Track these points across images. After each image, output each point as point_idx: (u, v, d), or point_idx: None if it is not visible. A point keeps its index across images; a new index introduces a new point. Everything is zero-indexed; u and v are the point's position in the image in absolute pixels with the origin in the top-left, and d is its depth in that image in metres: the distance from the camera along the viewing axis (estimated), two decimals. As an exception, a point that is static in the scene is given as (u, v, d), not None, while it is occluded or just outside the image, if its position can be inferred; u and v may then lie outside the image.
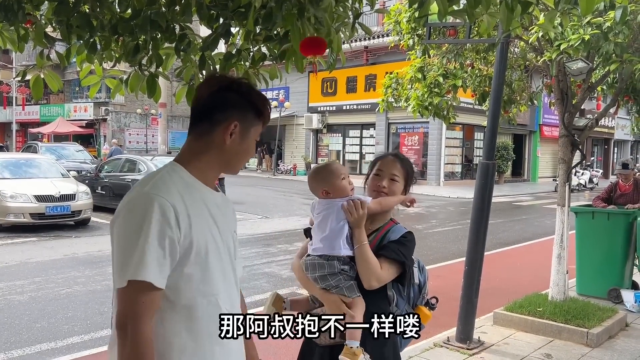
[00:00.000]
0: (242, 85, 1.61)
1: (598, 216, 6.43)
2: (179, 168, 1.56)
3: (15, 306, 5.98)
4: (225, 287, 1.58)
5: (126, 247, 1.41)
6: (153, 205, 1.41)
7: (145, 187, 1.47)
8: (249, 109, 1.60)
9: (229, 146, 1.57)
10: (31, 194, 10.62)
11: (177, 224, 1.43)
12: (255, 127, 1.62)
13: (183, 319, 1.49)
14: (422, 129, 23.72)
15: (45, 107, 36.07)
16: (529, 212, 15.84)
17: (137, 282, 1.38)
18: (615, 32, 3.93)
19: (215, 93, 1.58)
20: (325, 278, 2.10)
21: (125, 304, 1.40)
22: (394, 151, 2.44)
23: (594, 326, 5.03)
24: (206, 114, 1.58)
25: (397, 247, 2.12)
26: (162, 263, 1.41)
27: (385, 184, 2.21)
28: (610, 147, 35.16)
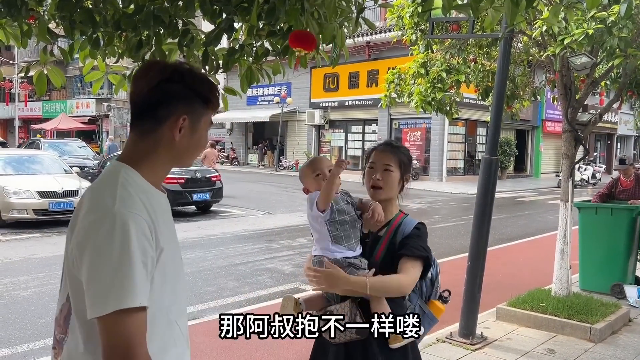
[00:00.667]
0: (184, 74, 1.45)
1: (601, 211, 6.42)
2: (131, 172, 1.42)
3: (20, 302, 6.00)
4: (177, 297, 1.49)
5: (108, 273, 1.26)
6: (131, 225, 1.29)
7: (113, 204, 1.32)
8: (195, 99, 1.46)
9: (180, 142, 1.45)
10: (34, 190, 10.64)
11: (152, 239, 1.34)
12: (205, 116, 1.49)
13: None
14: (424, 125, 23.69)
15: (47, 103, 36.13)
16: (531, 208, 15.82)
17: (127, 310, 1.25)
18: (620, 26, 3.91)
19: (155, 87, 1.42)
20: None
21: (116, 334, 1.26)
22: (386, 140, 2.39)
23: (597, 321, 5.03)
24: (148, 111, 1.43)
25: (417, 242, 2.09)
26: (146, 283, 1.31)
27: (379, 176, 2.16)
28: (613, 142, 35.07)
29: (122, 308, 1.24)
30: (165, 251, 1.39)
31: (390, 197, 2.20)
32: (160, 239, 1.37)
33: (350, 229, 2.10)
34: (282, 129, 28.22)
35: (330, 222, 2.08)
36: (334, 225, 2.09)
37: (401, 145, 2.29)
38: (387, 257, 2.09)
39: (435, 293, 2.27)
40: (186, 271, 7.40)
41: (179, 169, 12.86)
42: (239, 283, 6.95)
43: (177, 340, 1.49)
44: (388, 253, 2.10)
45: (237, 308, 5.98)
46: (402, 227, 2.14)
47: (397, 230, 2.14)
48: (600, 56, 5.06)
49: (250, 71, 2.70)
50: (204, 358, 4.57)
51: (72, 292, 1.39)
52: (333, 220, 2.08)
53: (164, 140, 1.44)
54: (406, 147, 2.30)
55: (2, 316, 5.53)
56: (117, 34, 2.73)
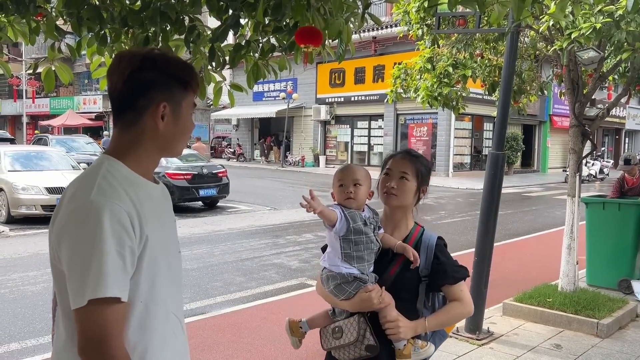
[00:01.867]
0: (156, 60, 1.41)
1: (609, 207, 6.39)
2: (117, 163, 1.39)
3: (29, 297, 6.06)
4: (172, 289, 1.47)
5: (82, 262, 1.25)
6: (105, 213, 1.27)
7: (90, 193, 1.30)
8: (172, 83, 1.42)
9: (164, 130, 1.42)
10: (43, 186, 10.71)
11: (132, 230, 1.31)
12: (186, 100, 1.45)
13: (137, 328, 1.37)
14: (430, 120, 23.61)
15: (55, 100, 36.31)
16: (538, 203, 15.76)
17: (99, 300, 1.24)
18: (628, 20, 3.88)
19: (129, 78, 1.38)
20: (341, 288, 1.98)
21: (89, 325, 1.26)
22: (405, 148, 2.27)
23: (604, 317, 5.02)
24: (127, 103, 1.40)
25: (452, 265, 2.04)
26: (123, 275, 1.28)
27: (394, 184, 2.05)
28: (621, 137, 34.83)
29: (95, 297, 1.24)
30: (151, 239, 1.36)
31: (404, 205, 2.08)
32: (146, 228, 1.34)
33: (364, 251, 1.97)
34: (288, 124, 28.22)
35: (345, 239, 1.97)
36: (347, 243, 1.97)
37: (421, 155, 2.17)
38: (402, 273, 2.02)
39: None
40: (193, 266, 7.44)
41: (185, 165, 12.93)
42: (245, 278, 6.98)
43: (176, 331, 1.48)
44: (404, 270, 2.01)
45: (244, 303, 6.01)
46: (423, 244, 2.05)
47: (416, 248, 2.04)
48: (608, 50, 5.02)
49: (257, 67, 2.70)
50: (211, 353, 4.60)
51: (57, 285, 1.38)
52: (347, 238, 1.96)
53: (148, 131, 1.41)
54: (426, 158, 2.18)
55: (12, 311, 5.59)
56: (124, 31, 2.74)
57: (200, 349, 4.62)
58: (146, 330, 1.38)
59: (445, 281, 2.00)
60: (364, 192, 2.02)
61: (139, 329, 1.36)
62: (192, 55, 2.76)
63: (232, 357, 4.53)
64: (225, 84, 2.87)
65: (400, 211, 2.11)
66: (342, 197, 2.00)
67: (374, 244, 1.99)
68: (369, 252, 1.98)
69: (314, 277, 7.10)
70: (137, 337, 1.36)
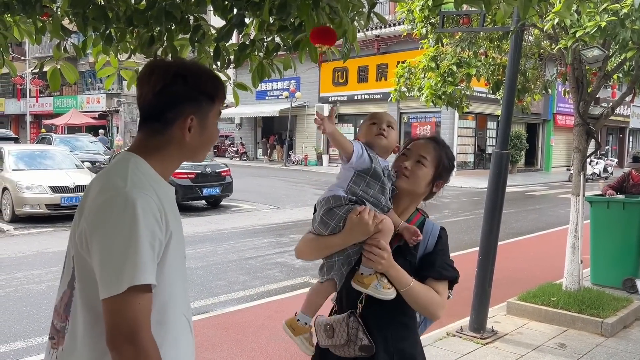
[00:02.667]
0: (187, 75, 1.45)
1: (613, 205, 6.37)
2: (141, 161, 1.43)
3: (34, 295, 6.08)
4: (183, 289, 1.50)
5: (118, 252, 1.28)
6: (139, 204, 1.30)
7: (124, 184, 1.34)
8: (201, 97, 1.47)
9: (190, 141, 1.47)
10: (47, 185, 10.75)
11: (162, 223, 1.35)
12: (212, 111, 1.50)
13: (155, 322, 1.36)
14: (434, 119, 23.59)
15: (58, 99, 36.37)
16: (542, 202, 15.73)
17: (137, 287, 1.26)
18: (633, 18, 3.87)
19: (159, 92, 1.43)
20: (331, 213, 1.77)
21: (125, 314, 1.26)
22: (434, 135, 2.07)
23: (609, 316, 5.01)
24: (155, 114, 1.45)
25: (443, 260, 1.84)
26: (153, 265, 1.32)
27: (408, 165, 1.86)
28: (625, 135, 34.71)
29: (133, 285, 1.25)
30: (173, 237, 1.40)
31: (412, 191, 1.88)
32: (170, 223, 1.39)
33: (372, 198, 1.78)
34: (291, 123, 28.23)
35: (360, 174, 1.78)
36: (361, 179, 1.78)
37: (448, 146, 1.96)
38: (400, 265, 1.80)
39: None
40: (197, 265, 7.46)
41: (189, 164, 12.94)
42: (249, 277, 6.99)
43: (185, 331, 1.50)
44: (401, 261, 1.80)
45: (248, 302, 6.02)
46: (425, 235, 1.86)
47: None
48: (613, 49, 5.00)
49: (262, 66, 2.70)
50: (215, 351, 4.61)
51: (80, 276, 1.38)
52: (362, 176, 1.78)
53: (174, 141, 1.46)
54: (451, 150, 1.96)
55: (17, 309, 5.61)
56: (129, 30, 2.75)
57: (204, 347, 4.63)
58: (163, 326, 1.40)
59: (429, 274, 1.81)
60: (395, 137, 1.88)
61: (157, 324, 1.37)
62: (197, 54, 2.76)
63: (236, 356, 4.54)
64: (229, 83, 2.87)
65: (407, 198, 1.90)
66: (373, 133, 1.84)
67: (384, 198, 1.81)
68: (375, 202, 1.79)
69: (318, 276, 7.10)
70: (155, 332, 1.35)
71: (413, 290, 1.76)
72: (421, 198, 1.94)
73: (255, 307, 5.88)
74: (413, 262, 1.84)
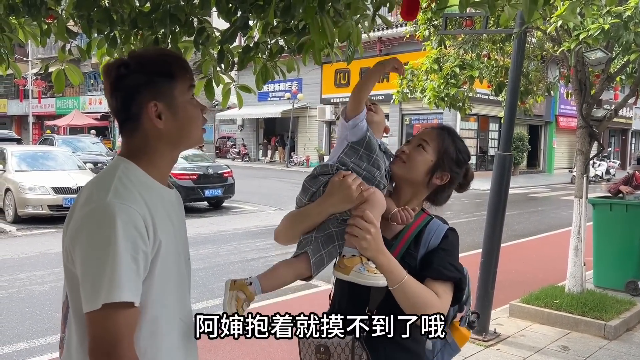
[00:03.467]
0: (129, 64, 1.37)
1: (616, 208, 6.36)
2: (132, 166, 1.38)
3: (37, 296, 6.09)
4: (180, 294, 1.47)
5: (96, 266, 1.24)
6: (120, 216, 1.26)
7: (106, 196, 1.29)
8: (155, 79, 1.37)
9: (166, 127, 1.38)
10: (49, 186, 10.77)
11: (147, 234, 1.30)
12: (178, 89, 1.39)
13: (148, 334, 1.35)
14: (436, 120, 23.54)
15: (60, 100, 36.46)
16: (544, 204, 15.71)
17: (113, 305, 1.23)
18: (636, 21, 3.87)
19: (113, 91, 1.37)
20: (314, 181, 1.61)
21: (102, 329, 1.25)
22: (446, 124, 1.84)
23: (612, 318, 5.01)
24: (122, 114, 1.39)
25: (445, 259, 1.60)
26: (136, 279, 1.27)
27: (407, 149, 1.70)
28: (627, 137, 34.65)
29: (109, 302, 1.22)
30: (164, 244, 1.35)
31: (408, 177, 1.68)
32: (159, 233, 1.33)
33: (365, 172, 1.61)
34: (293, 124, 28.24)
35: (353, 145, 1.61)
36: (353, 151, 1.61)
37: (459, 138, 1.74)
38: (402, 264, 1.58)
39: (464, 318, 1.76)
40: (199, 266, 7.46)
41: (190, 165, 12.96)
42: (251, 278, 6.99)
43: (184, 337, 1.48)
44: (404, 260, 1.60)
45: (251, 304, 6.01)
46: (427, 235, 1.65)
47: (418, 237, 1.65)
48: (616, 51, 5.00)
49: (266, 69, 2.71)
50: (217, 353, 4.62)
51: (69, 287, 1.37)
52: (355, 147, 1.60)
53: (150, 134, 1.39)
54: (464, 144, 1.75)
55: (20, 310, 5.62)
56: (133, 32, 2.76)
57: (206, 349, 4.63)
58: (156, 336, 1.37)
59: (427, 273, 1.58)
60: (383, 115, 1.75)
61: (150, 334, 1.35)
62: (201, 57, 2.77)
63: (238, 358, 4.54)
64: (233, 86, 2.87)
65: (408, 189, 1.70)
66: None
67: (379, 172, 1.62)
68: (368, 177, 1.61)
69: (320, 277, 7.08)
70: (147, 343, 1.35)
71: (407, 288, 1.50)
72: (423, 190, 1.70)
73: (257, 309, 5.86)
74: (413, 264, 1.60)
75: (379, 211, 1.54)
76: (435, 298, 1.54)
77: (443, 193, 1.74)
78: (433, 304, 1.53)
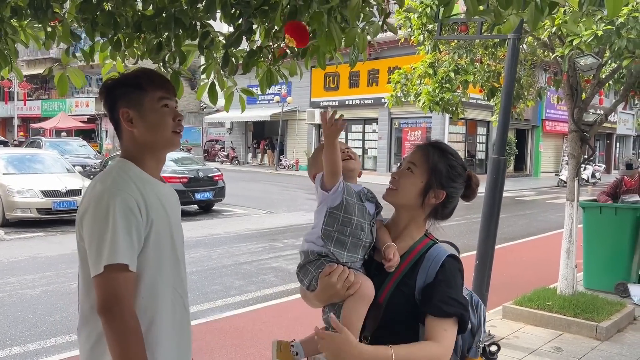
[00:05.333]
0: (107, 84, 1.72)
1: (605, 211, 6.47)
2: (128, 164, 1.69)
3: (28, 300, 6.03)
4: (176, 270, 1.73)
5: (98, 237, 1.54)
6: (116, 198, 1.56)
7: (107, 183, 1.61)
8: (128, 90, 1.67)
9: (138, 131, 1.67)
10: (38, 189, 10.67)
11: (139, 214, 1.58)
12: (147, 97, 1.67)
13: (148, 295, 1.63)
14: (424, 124, 23.74)
15: (46, 102, 36.10)
16: (532, 207, 15.87)
17: (113, 266, 1.52)
18: (628, 27, 3.96)
19: (104, 103, 1.72)
20: (305, 270, 1.65)
21: (105, 288, 1.53)
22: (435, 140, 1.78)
23: (603, 320, 5.09)
24: (112, 120, 1.72)
25: (446, 293, 1.53)
26: (130, 248, 1.55)
27: (396, 175, 1.67)
28: (612, 142, 35.16)
29: (110, 263, 1.51)
30: (156, 224, 1.63)
31: (400, 203, 1.66)
32: (151, 213, 1.62)
33: (348, 237, 1.58)
34: (283, 128, 28.26)
35: (331, 212, 1.59)
36: (333, 218, 1.59)
37: (449, 152, 1.68)
38: (396, 299, 1.56)
39: (477, 349, 1.67)
40: (191, 270, 7.44)
41: (180, 169, 12.91)
42: (245, 282, 6.99)
43: (177, 305, 1.73)
44: (397, 294, 1.57)
45: (245, 307, 6.02)
46: (426, 262, 1.58)
47: (417, 264, 1.59)
48: (606, 57, 5.10)
49: (271, 73, 2.73)
50: (213, 356, 4.61)
51: (80, 261, 1.65)
52: (334, 214, 1.59)
53: (127, 137, 1.70)
54: (455, 156, 1.68)
55: (12, 314, 5.56)
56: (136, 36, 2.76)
57: (203, 352, 4.63)
58: (155, 298, 1.64)
59: (427, 309, 1.52)
60: (358, 159, 1.73)
61: (149, 296, 1.63)
62: (205, 60, 2.79)
63: (235, 361, 4.55)
64: (236, 89, 2.89)
65: (405, 214, 1.67)
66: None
67: (364, 233, 1.59)
68: (354, 241, 1.59)
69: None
70: (146, 303, 1.63)
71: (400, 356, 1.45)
72: (421, 212, 1.66)
73: (252, 312, 5.88)
74: (408, 292, 1.56)
75: (363, 304, 1.55)
76: (435, 348, 1.50)
77: (444, 209, 1.68)
78: (434, 356, 1.50)
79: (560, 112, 28.53)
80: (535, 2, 1.65)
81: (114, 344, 1.53)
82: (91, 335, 1.64)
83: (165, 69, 2.74)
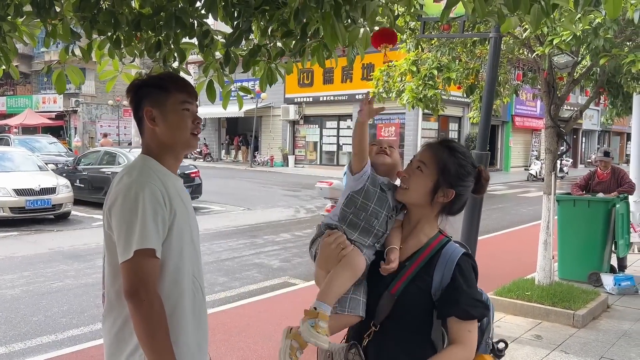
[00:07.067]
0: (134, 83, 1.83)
1: (579, 204, 6.71)
2: (151, 159, 1.79)
3: (9, 300, 5.93)
4: (195, 259, 1.82)
5: (128, 225, 1.62)
6: (145, 189, 1.65)
7: (133, 176, 1.70)
8: (154, 91, 1.77)
9: (159, 130, 1.77)
10: (11, 187, 10.43)
11: (164, 204, 1.68)
12: (171, 99, 1.77)
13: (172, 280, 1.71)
14: (398, 120, 24.00)
15: (11, 98, 35.11)
16: (504, 201, 16.25)
17: (142, 251, 1.60)
18: (606, 27, 4.13)
19: (131, 100, 1.82)
20: (315, 242, 1.77)
21: (134, 273, 1.60)
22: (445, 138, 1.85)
23: (579, 308, 5.30)
24: (136, 117, 1.81)
25: (470, 295, 1.60)
26: (156, 236, 1.64)
27: (407, 173, 1.69)
28: (578, 137, 36.16)
29: (139, 248, 1.60)
30: (178, 215, 1.72)
31: (411, 202, 1.70)
32: (173, 205, 1.72)
33: (362, 222, 1.67)
34: (257, 124, 28.15)
35: (352, 195, 1.69)
36: (352, 202, 1.69)
37: (460, 150, 1.70)
38: (409, 292, 1.62)
39: (486, 345, 1.73)
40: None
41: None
42: (228, 278, 7.01)
43: (197, 292, 1.82)
44: (412, 288, 1.62)
45: (230, 303, 6.04)
46: (442, 259, 1.64)
47: (433, 260, 1.65)
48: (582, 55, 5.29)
49: (271, 71, 2.78)
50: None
51: (107, 249, 1.74)
52: (355, 197, 1.68)
53: (149, 134, 1.80)
54: (465, 155, 1.70)
55: (-7, 315, 5.47)
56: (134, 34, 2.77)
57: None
58: (177, 285, 1.73)
59: (454, 312, 1.58)
60: (398, 157, 1.79)
61: (172, 282, 1.72)
62: (204, 59, 2.81)
63: (225, 356, 4.58)
64: (234, 87, 2.93)
65: (416, 211, 1.70)
66: (373, 153, 1.75)
67: (377, 221, 1.67)
68: (366, 227, 1.67)
69: (297, 276, 7.19)
70: (170, 289, 1.71)
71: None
72: (430, 210, 1.69)
73: (238, 307, 5.90)
74: (424, 288, 1.62)
75: (351, 274, 1.63)
76: (461, 352, 1.59)
77: (454, 205, 1.71)
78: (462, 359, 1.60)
79: (529, 108, 29.20)
80: (541, 4, 1.74)
81: (141, 327, 1.59)
82: (117, 321, 1.72)
83: (165, 67, 2.76)
